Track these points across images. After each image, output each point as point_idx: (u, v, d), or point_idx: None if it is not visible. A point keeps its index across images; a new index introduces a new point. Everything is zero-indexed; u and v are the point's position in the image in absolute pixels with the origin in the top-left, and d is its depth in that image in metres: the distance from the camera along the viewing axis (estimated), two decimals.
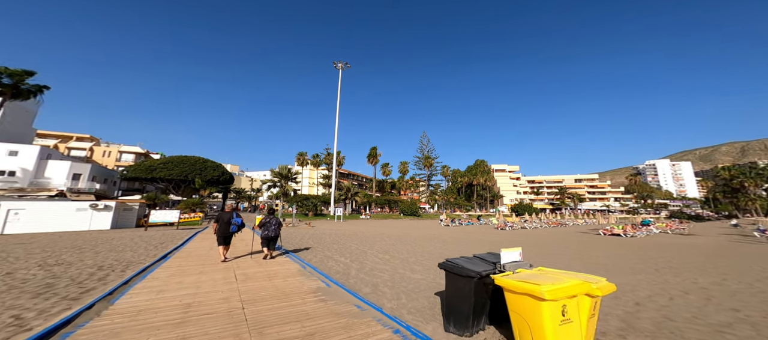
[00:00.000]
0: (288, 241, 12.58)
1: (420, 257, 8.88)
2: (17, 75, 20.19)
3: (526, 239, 16.80)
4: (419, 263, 7.89)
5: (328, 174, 67.36)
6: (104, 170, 39.88)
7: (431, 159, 74.38)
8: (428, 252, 10.11)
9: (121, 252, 8.98)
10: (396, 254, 9.36)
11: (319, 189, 68.05)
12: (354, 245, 11.85)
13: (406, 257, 8.94)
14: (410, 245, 12.33)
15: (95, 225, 20.35)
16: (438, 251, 10.37)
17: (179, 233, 16.18)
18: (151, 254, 8.58)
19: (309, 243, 12.06)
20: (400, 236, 16.22)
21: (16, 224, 17.32)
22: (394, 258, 8.62)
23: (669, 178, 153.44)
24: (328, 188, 65.25)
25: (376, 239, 14.26)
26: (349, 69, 57.86)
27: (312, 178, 77.62)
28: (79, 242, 11.94)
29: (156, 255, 8.36)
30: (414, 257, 8.95)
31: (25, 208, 18.09)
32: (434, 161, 74.79)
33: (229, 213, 7.29)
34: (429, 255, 9.37)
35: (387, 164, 70.98)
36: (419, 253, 9.80)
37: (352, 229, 22.73)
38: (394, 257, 8.90)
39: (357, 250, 10.24)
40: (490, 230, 24.08)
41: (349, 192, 50.14)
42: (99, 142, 49.69)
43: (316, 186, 71.69)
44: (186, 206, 28.98)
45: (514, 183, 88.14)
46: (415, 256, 9.13)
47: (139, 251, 9.32)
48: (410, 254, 9.41)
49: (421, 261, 8.15)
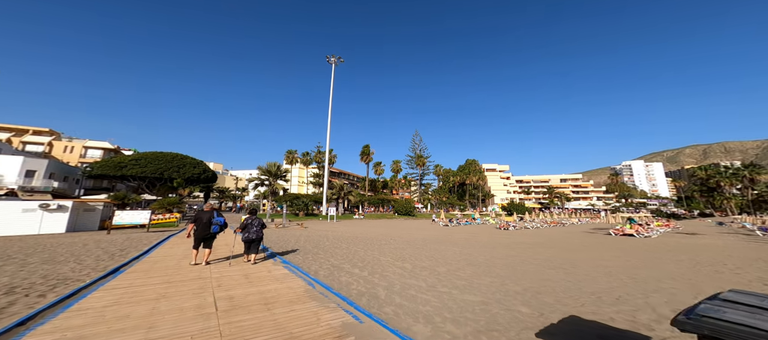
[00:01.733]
0: (280, 244, 10.71)
1: (452, 266, 7.38)
2: None
3: (538, 240, 15.81)
4: (458, 275, 6.35)
5: (318, 173, 64.78)
6: (65, 166, 35.49)
7: (424, 158, 73.52)
8: (454, 259, 8.62)
9: (59, 264, 6.80)
10: (417, 262, 7.80)
11: (310, 188, 65.30)
12: (361, 250, 10.17)
13: (432, 266, 7.40)
14: (424, 249, 10.82)
15: (46, 228, 17.31)
16: (463, 257, 8.93)
17: (149, 237, 13.79)
18: (101, 266, 6.50)
19: (306, 247, 10.26)
20: (407, 239, 14.69)
21: None
22: (419, 269, 7.04)
23: (643, 178, 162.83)
24: (318, 187, 62.65)
25: (382, 243, 12.64)
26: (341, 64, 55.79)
27: (302, 177, 74.60)
28: (12, 249, 9.44)
29: (107, 267, 6.31)
30: (443, 265, 7.43)
31: None
32: (427, 160, 74.01)
33: (210, 212, 6.45)
34: (457, 261, 7.90)
35: (379, 163, 69.37)
36: (444, 259, 8.30)
37: (350, 230, 20.96)
38: (417, 266, 7.33)
39: (368, 257, 8.57)
40: (491, 230, 23.14)
41: (342, 191, 48.10)
42: (60, 136, 44.57)
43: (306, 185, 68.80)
44: (160, 206, 25.92)
45: (505, 183, 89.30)
46: (444, 264, 7.61)
47: (87, 261, 7.16)
48: (436, 262, 7.88)
49: (459, 273, 6.62)
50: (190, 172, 38.91)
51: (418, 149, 74.92)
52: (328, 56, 53.76)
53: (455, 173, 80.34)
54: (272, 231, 18.26)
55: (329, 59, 53.85)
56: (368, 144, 62.71)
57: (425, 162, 73.64)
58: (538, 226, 23.74)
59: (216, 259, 7.03)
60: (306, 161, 64.16)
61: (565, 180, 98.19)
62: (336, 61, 54.31)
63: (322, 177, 64.55)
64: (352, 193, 51.88)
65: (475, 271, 6.64)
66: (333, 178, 66.78)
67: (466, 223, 32.01)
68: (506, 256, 9.10)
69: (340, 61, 54.84)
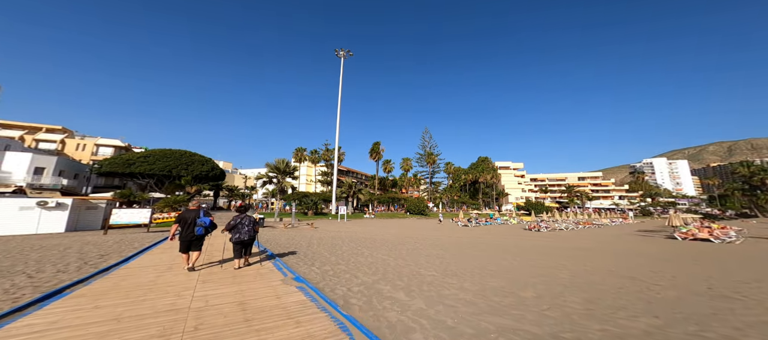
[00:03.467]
0: (291, 248, 9.00)
1: (538, 289, 5.41)
2: None
3: (592, 244, 13.54)
4: (570, 307, 4.39)
5: (326, 171, 63.55)
6: (75, 163, 35.31)
7: (434, 156, 71.12)
8: (524, 274, 6.63)
9: (10, 276, 5.26)
10: (480, 281, 5.83)
11: (318, 187, 64.16)
12: (390, 258, 8.32)
13: (508, 288, 5.43)
14: (467, 257, 8.87)
15: (45, 227, 16.33)
16: (534, 271, 6.92)
17: (146, 238, 12.44)
18: (54, 281, 4.90)
19: (321, 253, 8.50)
20: (434, 242, 12.74)
21: None
22: (491, 292, 5.08)
23: (666, 176, 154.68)
24: (326, 186, 61.35)
25: (409, 247, 10.75)
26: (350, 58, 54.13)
27: (310, 175, 73.58)
28: None
29: (60, 283, 4.70)
30: (522, 287, 5.47)
31: None
32: (437, 158, 71.53)
33: (195, 212, 5.70)
34: (534, 279, 5.93)
35: (389, 161, 67.42)
36: (511, 275, 6.33)
37: (365, 231, 19.19)
38: (483, 286, 5.38)
39: (404, 270, 6.68)
40: (518, 231, 20.90)
41: (352, 189, 46.48)
42: (73, 134, 44.85)
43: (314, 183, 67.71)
44: (166, 204, 24.91)
45: (519, 181, 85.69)
46: (522, 285, 5.65)
47: (45, 272, 5.61)
48: (506, 280, 5.92)
49: (566, 302, 4.66)
50: (199, 169, 38.16)
51: (429, 147, 72.57)
52: (336, 50, 52.25)
53: (467, 171, 77.55)
54: (281, 232, 16.70)
55: (338, 53, 52.30)
56: (378, 141, 60.93)
57: (436, 160, 71.23)
58: (571, 227, 21.29)
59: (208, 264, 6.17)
60: (314, 159, 62.99)
61: (583, 178, 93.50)
62: (345, 55, 52.74)
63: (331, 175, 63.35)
64: (362, 191, 50.23)
65: (587, 299, 4.60)
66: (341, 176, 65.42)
67: (486, 223, 29.74)
68: (595, 271, 7.02)
69: (349, 54, 53.24)
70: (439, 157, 71.39)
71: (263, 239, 12.19)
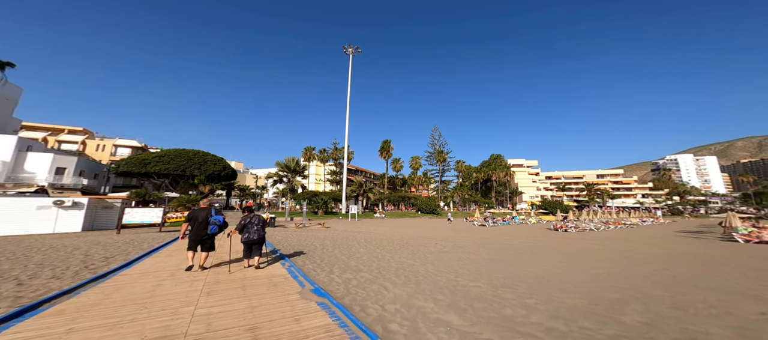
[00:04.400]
0: (303, 250, 8.23)
1: (645, 313, 4.36)
2: None
3: (639, 247, 12.12)
4: (673, 332, 3.35)
5: (335, 170, 63.23)
6: (95, 164, 36.32)
7: (444, 154, 69.46)
8: (594, 286, 5.57)
9: (1, 281, 4.70)
10: (545, 294, 4.83)
11: (326, 186, 63.94)
12: (412, 261, 7.39)
13: (581, 305, 4.42)
14: (499, 261, 7.81)
15: (62, 226, 16.40)
16: (602, 282, 5.83)
17: (157, 238, 12.07)
18: (43, 288, 4.27)
19: (338, 256, 7.67)
20: (457, 244, 11.69)
21: None
22: (571, 314, 4.10)
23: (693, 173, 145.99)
24: (335, 185, 61.01)
25: (430, 248, 9.78)
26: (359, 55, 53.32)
27: (319, 175, 73.53)
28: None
29: (50, 290, 4.06)
30: (602, 306, 4.44)
31: None
32: (447, 156, 69.86)
33: (207, 210, 5.59)
34: (609, 292, 4.87)
35: (398, 160, 66.37)
36: (564, 283, 5.28)
37: (379, 230, 18.35)
38: (544, 300, 4.37)
39: (439, 278, 5.72)
40: (544, 231, 19.47)
41: (362, 188, 45.80)
42: (93, 135, 46.34)
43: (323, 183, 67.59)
44: (179, 203, 24.97)
45: (534, 179, 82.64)
46: (601, 305, 4.61)
47: (42, 275, 5.04)
48: (556, 288, 4.90)
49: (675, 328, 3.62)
50: (211, 169, 38.47)
51: (438, 145, 71.02)
52: (345, 47, 51.57)
53: (478, 169, 75.52)
54: (293, 232, 16.08)
55: (346, 50, 51.64)
56: (388, 140, 60.01)
57: (446, 158, 69.58)
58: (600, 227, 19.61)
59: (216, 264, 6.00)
60: (323, 159, 62.78)
61: (602, 176, 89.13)
62: (353, 52, 52.00)
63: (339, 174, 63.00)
64: (373, 190, 49.48)
65: (739, 331, 3.55)
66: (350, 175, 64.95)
67: (505, 222, 28.26)
68: (689, 283, 5.84)
69: (357, 51, 52.45)
70: (449, 156, 69.74)
71: (276, 240, 11.54)
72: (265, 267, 5.85)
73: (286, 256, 7.54)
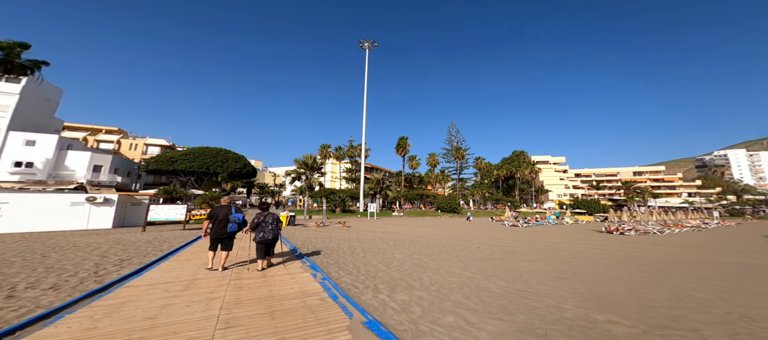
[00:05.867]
0: (328, 254, 7.11)
1: None
2: (8, 47, 16.95)
3: (726, 255, 9.85)
4: None
5: (351, 167, 62.74)
6: (128, 162, 38.24)
7: (462, 150, 66.67)
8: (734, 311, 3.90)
9: None
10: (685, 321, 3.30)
11: (342, 184, 63.62)
12: (469, 272, 5.98)
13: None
14: (583, 274, 6.18)
15: (94, 223, 16.71)
16: None
17: (180, 237, 11.58)
18: (32, 304, 3.42)
19: (371, 262, 6.45)
20: (504, 247, 10.06)
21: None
22: None
23: (745, 170, 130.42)
24: (351, 183, 60.50)
25: (478, 254, 8.29)
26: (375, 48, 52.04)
27: (334, 172, 73.53)
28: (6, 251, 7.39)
29: (39, 306, 3.17)
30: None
31: (8, 201, 14.65)
32: (466, 153, 67.00)
33: (226, 208, 5.27)
34: None
35: (414, 157, 64.58)
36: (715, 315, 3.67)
37: (403, 230, 17.05)
38: None
39: (521, 299, 4.30)
40: (592, 234, 17.13)
41: (380, 185, 44.66)
42: (127, 135, 49.06)
43: (339, 181, 67.42)
44: (203, 200, 25.28)
45: (561, 176, 77.22)
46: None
47: (44, 283, 4.28)
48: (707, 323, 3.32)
49: None
50: (233, 166, 39.19)
51: (456, 141, 68.31)
52: (361, 41, 50.58)
53: (499, 166, 71.80)
54: (314, 232, 15.19)
55: (363, 44, 50.61)
56: (405, 136, 58.43)
57: (464, 155, 66.76)
58: (666, 230, 16.83)
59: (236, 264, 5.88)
60: (339, 156, 62.48)
61: (640, 173, 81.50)
62: (370, 46, 50.87)
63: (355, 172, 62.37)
64: (391, 187, 48.20)
65: None
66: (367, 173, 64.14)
67: (538, 222, 25.82)
68: None
69: (374, 45, 51.26)
70: (468, 152, 66.84)
71: (299, 241, 10.59)
72: (286, 266, 5.20)
73: (315, 263, 6.43)
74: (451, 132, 70.27)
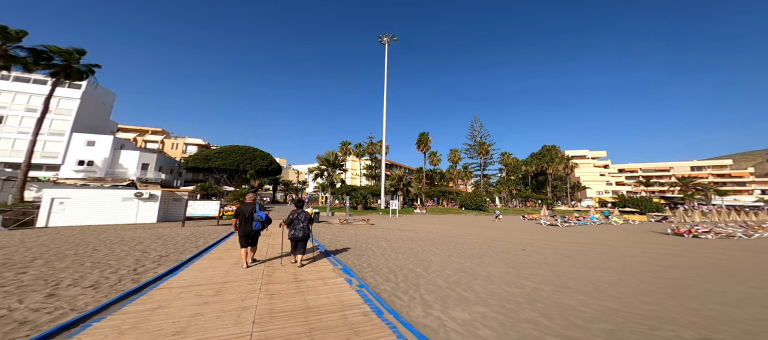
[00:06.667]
0: (360, 254, 6.56)
1: None
2: (68, 54, 18.89)
3: None
4: None
5: (371, 164, 62.61)
6: (170, 160, 41.69)
7: (487, 145, 63.29)
8: None
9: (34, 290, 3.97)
10: None
11: (362, 180, 63.78)
12: (526, 280, 5.06)
13: None
14: (678, 290, 4.94)
15: (142, 217, 18.09)
16: None
17: (215, 232, 11.93)
18: (67, 307, 3.28)
19: (408, 266, 5.78)
20: (554, 249, 8.81)
21: (61, 215, 15.53)
22: None
23: None
24: (371, 180, 60.37)
25: (522, 256, 7.24)
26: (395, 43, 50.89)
27: (354, 169, 74.08)
28: (64, 244, 7.92)
29: (72, 309, 2.99)
30: None
31: (70, 196, 16.33)
32: (490, 148, 63.53)
33: (252, 205, 5.39)
34: None
35: (435, 153, 62.62)
36: None
37: (431, 229, 16.18)
38: None
39: (613, 318, 3.36)
40: (652, 235, 14.81)
41: (401, 182, 43.89)
42: (169, 135, 53.59)
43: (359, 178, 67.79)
44: (234, 196, 26.57)
45: (601, 172, 70.07)
46: None
47: (85, 280, 4.26)
48: None
49: None
50: (260, 164, 40.89)
51: (479, 136, 65.03)
52: (380, 36, 49.65)
53: (527, 162, 67.11)
54: (339, 229, 14.93)
55: (382, 39, 49.67)
56: (426, 132, 56.82)
57: (489, 150, 63.34)
58: (754, 234, 13.93)
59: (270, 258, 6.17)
60: (359, 153, 62.65)
61: (699, 168, 71.18)
62: (389, 40, 49.78)
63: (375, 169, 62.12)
64: (412, 184, 47.18)
65: None
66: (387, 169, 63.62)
67: (580, 222, 23.32)
68: None
69: (393, 39, 50.09)
70: (492, 148, 63.30)
71: (325, 240, 10.28)
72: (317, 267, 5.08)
73: (347, 265, 5.91)
74: (473, 127, 67.12)
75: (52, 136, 29.82)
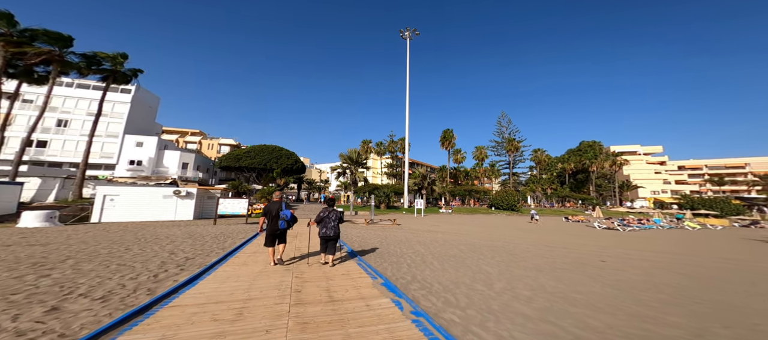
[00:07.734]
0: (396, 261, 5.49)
1: None
2: (113, 58, 20.48)
3: None
4: None
5: (392, 163, 61.56)
6: (206, 160, 44.57)
7: (517, 142, 58.83)
8: None
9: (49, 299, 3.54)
10: None
11: (383, 179, 62.99)
12: (635, 304, 3.62)
13: None
14: None
15: (180, 214, 19.01)
16: None
17: (242, 232, 11.77)
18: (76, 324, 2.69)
19: (461, 279, 4.59)
20: (641, 261, 7.00)
21: (111, 211, 16.73)
22: None
23: None
24: (392, 178, 59.33)
25: (605, 269, 5.64)
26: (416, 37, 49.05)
27: (375, 168, 73.55)
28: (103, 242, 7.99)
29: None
30: None
31: (119, 193, 17.55)
32: (520, 145, 58.96)
33: (278, 204, 5.34)
34: None
35: (459, 150, 59.70)
36: None
37: (462, 230, 14.68)
38: None
39: None
40: (747, 242, 11.83)
41: (426, 180, 42.23)
42: (206, 136, 57.62)
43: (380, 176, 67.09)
44: (262, 195, 27.25)
45: (656, 169, 61.55)
46: None
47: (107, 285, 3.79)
48: None
49: None
50: (285, 162, 41.94)
51: (508, 132, 60.61)
52: (401, 31, 48.10)
53: (564, 159, 61.20)
54: (365, 230, 14.09)
55: (403, 34, 48.11)
56: (450, 128, 54.35)
57: (519, 146, 58.81)
58: None
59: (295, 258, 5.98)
60: (380, 151, 61.98)
61: None
62: (411, 35, 48.05)
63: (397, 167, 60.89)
64: (436, 182, 45.27)
65: None
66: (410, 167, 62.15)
67: (644, 226, 20.03)
68: None
69: (415, 34, 48.27)
70: (523, 144, 58.66)
71: (355, 243, 9.44)
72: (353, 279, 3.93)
73: (389, 279, 4.88)
74: (501, 122, 62.86)
75: (109, 138, 33.19)
